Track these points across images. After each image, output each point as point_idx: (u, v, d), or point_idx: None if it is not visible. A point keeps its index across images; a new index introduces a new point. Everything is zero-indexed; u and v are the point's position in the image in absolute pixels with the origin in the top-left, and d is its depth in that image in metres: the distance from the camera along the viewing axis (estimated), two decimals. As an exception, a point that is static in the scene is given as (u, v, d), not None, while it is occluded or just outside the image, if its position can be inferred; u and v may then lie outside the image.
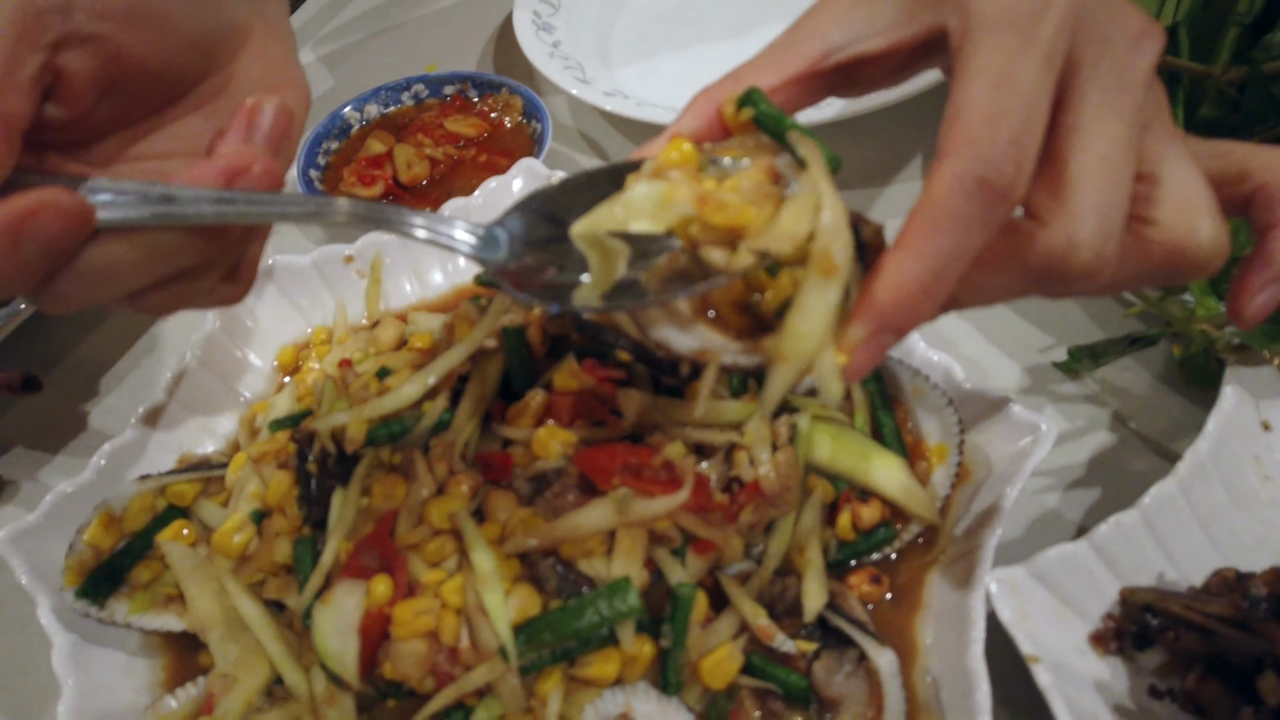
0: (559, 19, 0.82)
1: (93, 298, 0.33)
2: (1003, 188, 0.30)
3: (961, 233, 0.30)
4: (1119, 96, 0.32)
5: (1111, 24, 0.33)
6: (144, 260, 0.33)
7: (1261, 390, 0.49)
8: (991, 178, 0.29)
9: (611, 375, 0.48)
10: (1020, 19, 0.31)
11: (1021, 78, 0.30)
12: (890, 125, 0.73)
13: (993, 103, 0.30)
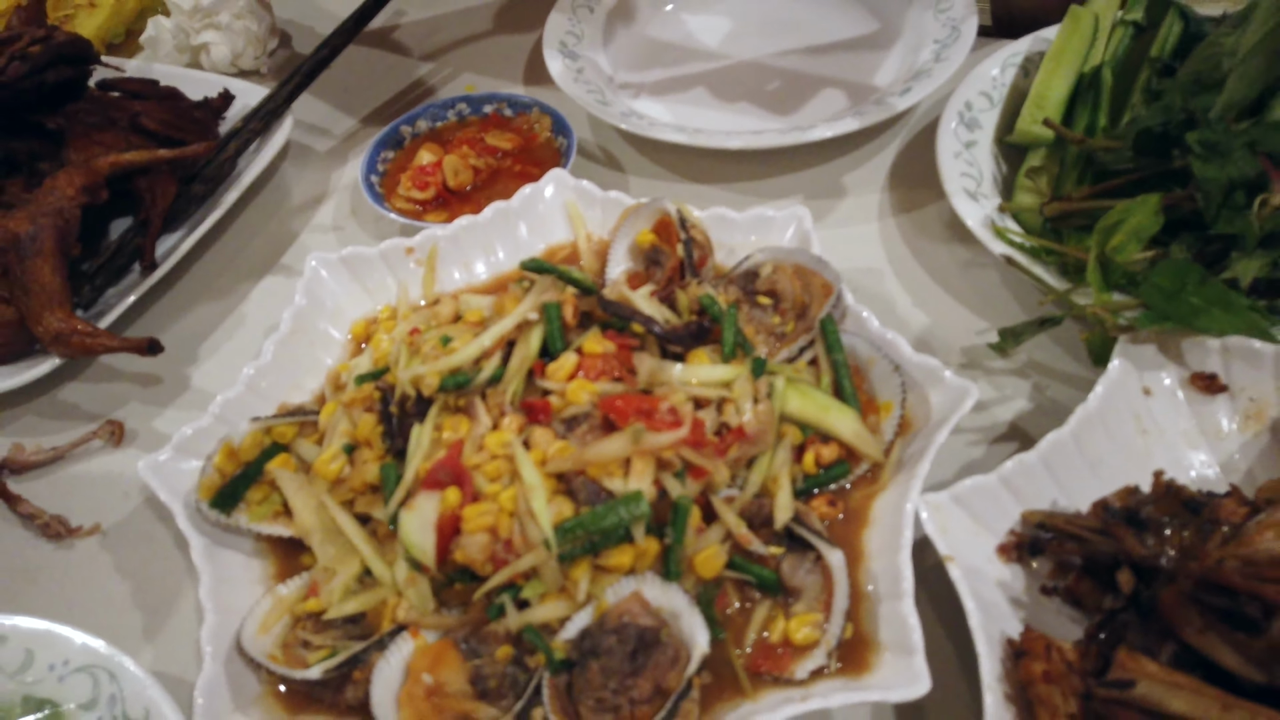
0: (582, 48, 0.95)
1: None
2: None
3: None
4: None
5: None
6: None
7: (1144, 363, 0.61)
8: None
9: (628, 343, 0.61)
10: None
11: None
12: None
13: None
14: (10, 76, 0.79)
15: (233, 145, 0.87)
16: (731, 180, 0.85)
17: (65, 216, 0.74)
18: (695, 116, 0.91)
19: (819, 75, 0.93)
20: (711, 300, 0.64)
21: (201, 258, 0.85)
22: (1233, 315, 0.59)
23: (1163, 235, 0.67)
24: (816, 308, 0.66)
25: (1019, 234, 0.70)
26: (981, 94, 0.80)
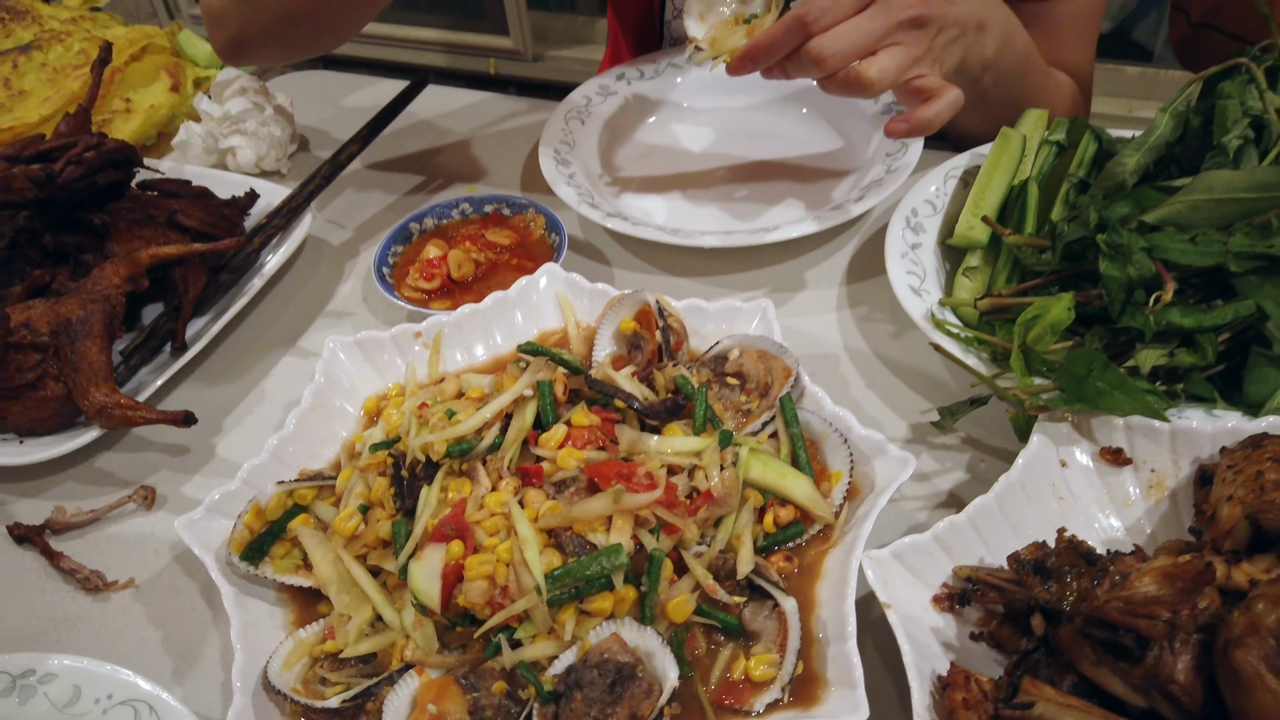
0: (573, 155, 1.06)
1: None
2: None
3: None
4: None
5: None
6: None
7: (1061, 439, 0.70)
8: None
9: (611, 417, 0.70)
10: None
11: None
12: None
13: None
14: (67, 179, 0.88)
15: (258, 239, 0.97)
16: (705, 274, 0.95)
17: (112, 302, 0.83)
18: (675, 215, 1.02)
19: (786, 182, 1.04)
20: (685, 380, 0.73)
21: (227, 339, 0.94)
22: (1131, 398, 0.68)
23: (1080, 327, 0.77)
24: (777, 388, 0.75)
25: (956, 325, 0.80)
26: (926, 202, 0.91)
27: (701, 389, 0.72)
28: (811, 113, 1.12)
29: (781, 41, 0.77)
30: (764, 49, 0.78)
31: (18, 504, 0.80)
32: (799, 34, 0.76)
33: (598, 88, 1.14)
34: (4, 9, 1.29)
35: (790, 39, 0.77)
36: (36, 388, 0.80)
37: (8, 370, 0.80)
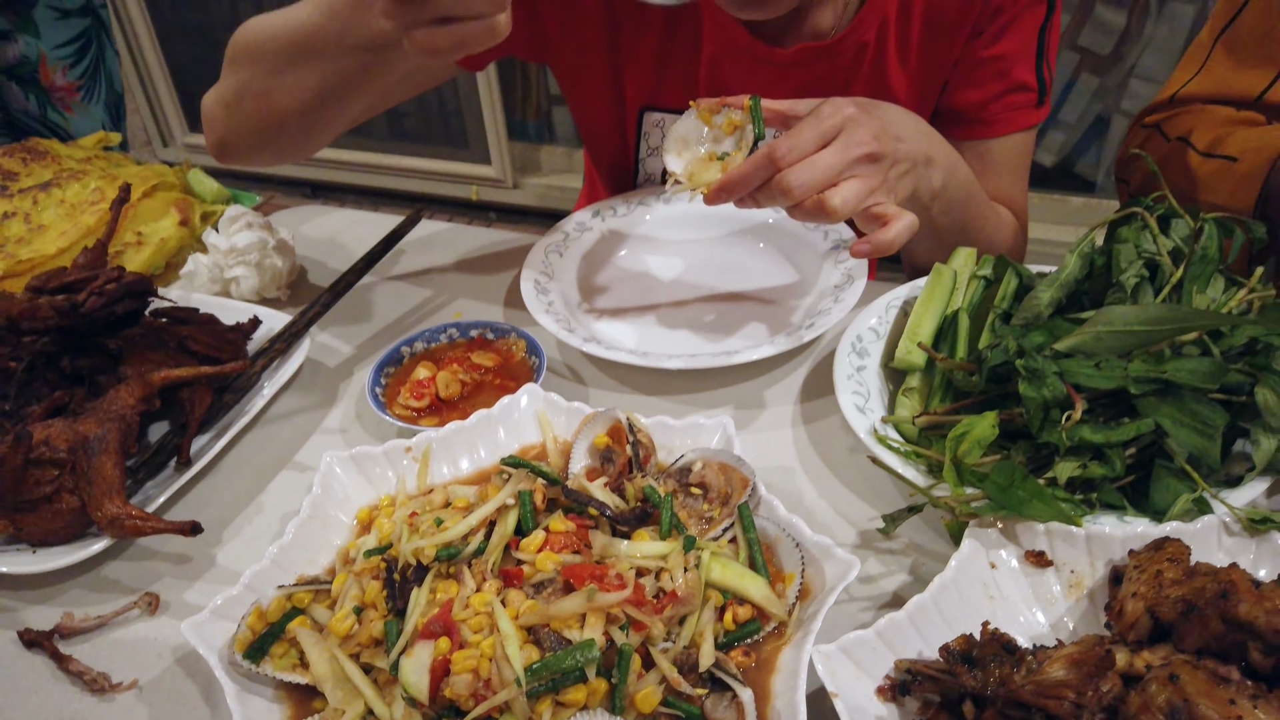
0: (552, 285, 1.16)
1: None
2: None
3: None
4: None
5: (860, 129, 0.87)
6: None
7: (990, 543, 0.78)
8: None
9: (586, 523, 0.77)
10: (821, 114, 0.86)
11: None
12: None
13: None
14: (89, 308, 0.97)
15: (260, 362, 1.05)
16: (672, 393, 1.04)
17: (128, 421, 0.90)
18: (645, 339, 1.11)
19: (745, 310, 1.14)
20: (653, 490, 0.81)
21: (228, 455, 1.00)
22: (1048, 506, 0.76)
23: (1006, 441, 0.86)
24: (736, 497, 0.82)
25: (898, 440, 0.88)
26: (870, 329, 1.01)
27: (668, 498, 0.80)
28: (768, 247, 1.23)
29: (753, 175, 0.88)
30: (738, 181, 0.89)
31: (28, 610, 0.85)
32: (769, 168, 0.87)
33: (575, 224, 1.25)
34: (25, 150, 1.40)
35: (761, 173, 0.88)
36: (52, 500, 0.86)
37: (26, 484, 0.86)
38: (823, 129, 0.88)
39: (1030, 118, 1.18)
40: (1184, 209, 0.91)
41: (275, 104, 1.06)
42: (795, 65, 1.16)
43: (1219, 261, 0.89)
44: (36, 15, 1.75)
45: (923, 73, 1.18)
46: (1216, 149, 1.11)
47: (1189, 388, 0.79)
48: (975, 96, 1.17)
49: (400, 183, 3.81)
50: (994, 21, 1.13)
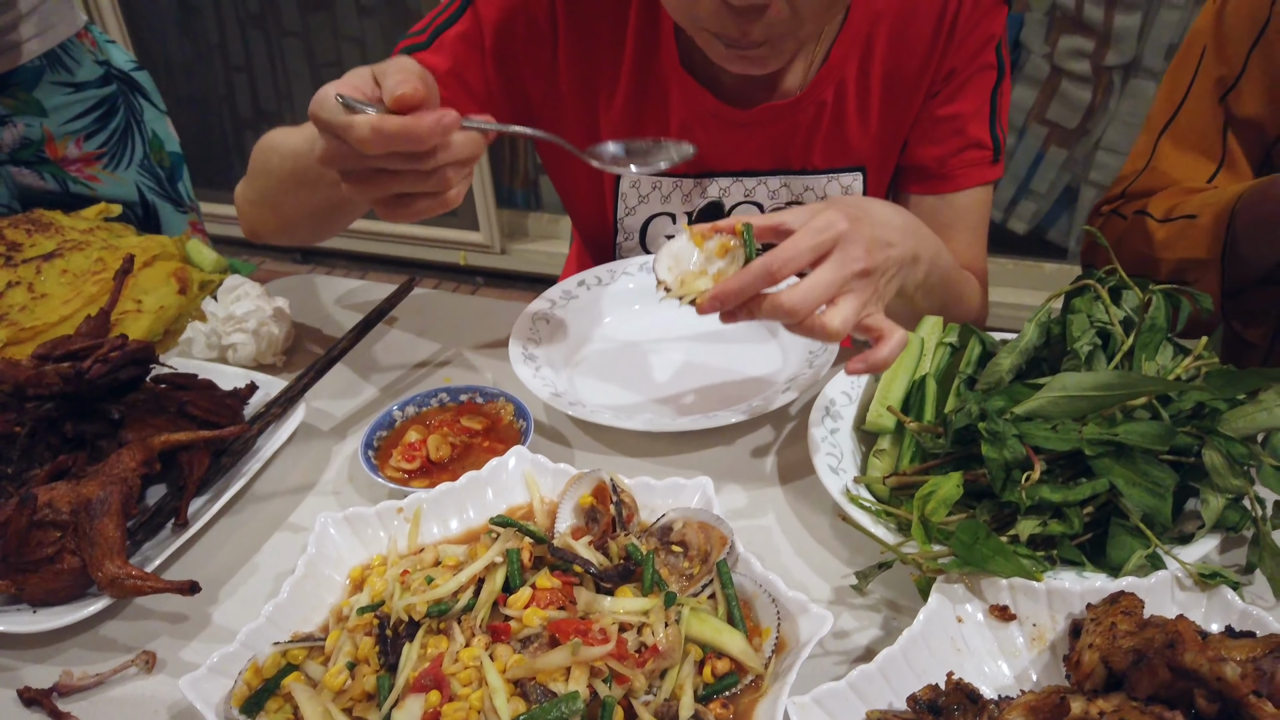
0: (539, 351, 1.21)
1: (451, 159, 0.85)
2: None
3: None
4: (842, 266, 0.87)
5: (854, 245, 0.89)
6: (466, 142, 0.84)
7: (956, 598, 0.82)
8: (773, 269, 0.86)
9: (571, 580, 0.81)
10: (814, 228, 0.87)
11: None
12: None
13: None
14: (94, 375, 1.01)
15: (256, 426, 1.09)
16: (654, 455, 1.08)
17: (129, 484, 0.93)
18: (629, 403, 1.16)
19: (727, 374, 1.19)
20: (635, 548, 0.85)
21: (224, 517, 1.04)
22: (1009, 562, 0.80)
23: (972, 501, 0.91)
24: (715, 554, 0.86)
25: (869, 500, 0.93)
26: (842, 393, 1.06)
27: (649, 556, 0.84)
28: (747, 314, 1.29)
29: (749, 286, 0.88)
30: (733, 292, 0.88)
31: (28, 669, 0.88)
32: (764, 281, 0.87)
33: (561, 292, 1.31)
34: (30, 221, 1.45)
35: (757, 284, 0.87)
36: (54, 561, 0.89)
37: (30, 546, 0.89)
38: (818, 243, 0.89)
39: (986, 174, 1.26)
40: (1134, 281, 0.97)
41: (286, 214, 1.21)
42: (758, 124, 1.23)
43: (1167, 330, 0.94)
44: (40, 94, 1.73)
45: (882, 131, 1.26)
46: (1174, 213, 1.18)
47: (1140, 450, 0.84)
48: (934, 152, 1.25)
49: (390, 248, 3.87)
50: (948, 83, 1.21)
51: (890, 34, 1.19)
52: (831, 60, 1.19)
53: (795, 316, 0.88)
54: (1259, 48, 1.14)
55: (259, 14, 3.78)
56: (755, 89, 1.22)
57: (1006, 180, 3.19)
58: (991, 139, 1.24)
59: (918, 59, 1.20)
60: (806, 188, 1.30)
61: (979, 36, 1.19)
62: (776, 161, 1.28)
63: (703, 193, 1.30)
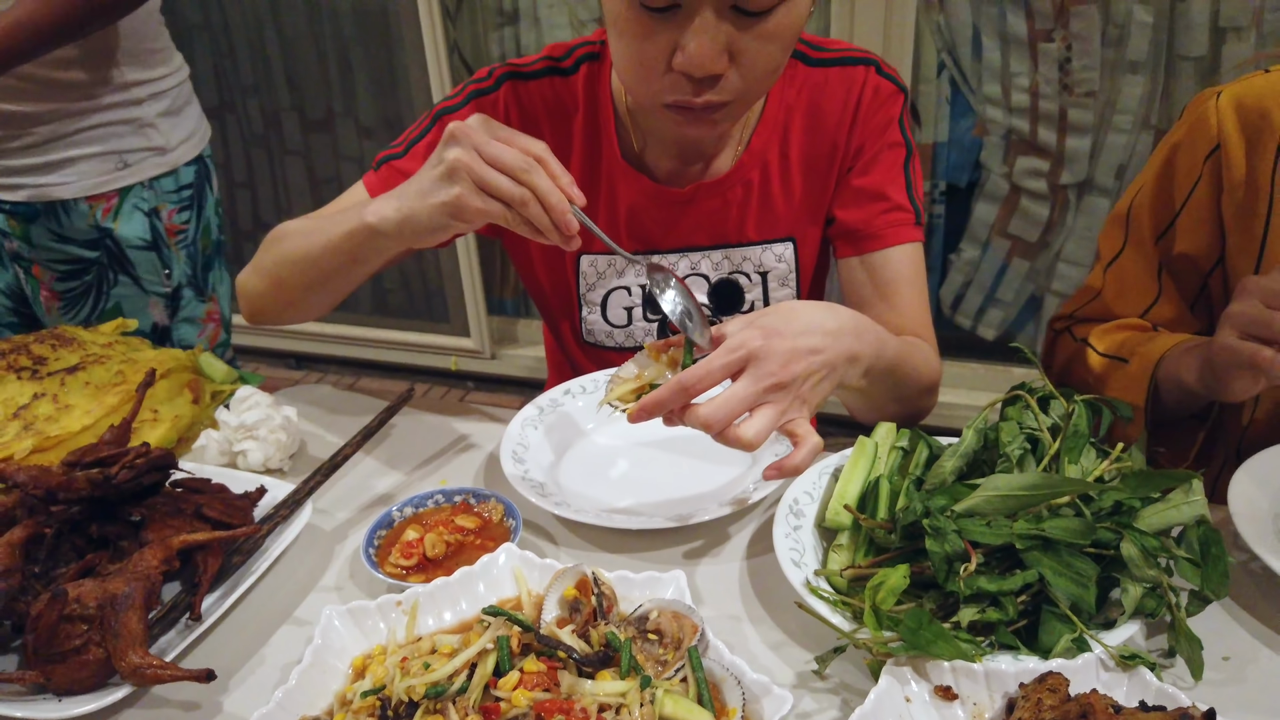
0: (528, 455, 1.31)
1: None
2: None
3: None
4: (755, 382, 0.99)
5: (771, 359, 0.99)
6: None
7: (904, 679, 0.90)
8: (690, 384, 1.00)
9: (555, 665, 0.89)
10: (727, 348, 1.00)
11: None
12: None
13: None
14: (120, 481, 1.10)
15: (266, 527, 1.18)
16: (633, 550, 1.17)
17: (151, 580, 1.02)
18: (611, 502, 1.25)
19: (701, 476, 1.29)
20: (614, 636, 0.93)
21: (235, 611, 1.12)
22: (950, 646, 0.89)
23: (920, 590, 1.00)
24: (687, 641, 0.95)
25: (828, 591, 1.02)
26: (805, 492, 1.16)
27: (627, 642, 0.92)
28: (720, 421, 1.40)
29: (667, 400, 1.00)
30: (653, 405, 1.01)
31: (52, 754, 0.95)
32: (682, 396, 1.00)
33: (548, 400, 1.42)
34: (54, 336, 1.56)
35: (675, 399, 1.00)
36: (81, 653, 0.97)
37: (58, 638, 0.97)
38: (728, 361, 1.00)
39: (912, 234, 1.40)
40: (1060, 391, 1.09)
41: (295, 297, 1.36)
42: (694, 202, 1.42)
43: (1089, 436, 1.06)
44: (33, 229, 1.91)
45: (805, 204, 1.43)
46: (1111, 351, 1.33)
47: (1065, 543, 0.94)
48: (858, 215, 1.40)
49: (383, 354, 4.00)
50: (859, 159, 1.39)
51: (803, 121, 1.39)
52: (753, 145, 1.39)
53: (711, 428, 1.00)
54: (1193, 197, 1.30)
55: (263, 134, 3.98)
56: (689, 173, 1.41)
57: (974, 290, 3.36)
58: (911, 204, 1.40)
59: (829, 141, 1.39)
60: (744, 258, 1.46)
61: (881, 119, 1.37)
62: (715, 236, 1.45)
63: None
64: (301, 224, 1.34)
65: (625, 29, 1.10)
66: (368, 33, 3.62)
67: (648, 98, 1.18)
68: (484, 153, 1.04)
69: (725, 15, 1.05)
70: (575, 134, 1.38)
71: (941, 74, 3.10)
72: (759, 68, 1.11)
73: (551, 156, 1.06)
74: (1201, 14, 2.76)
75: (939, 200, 3.28)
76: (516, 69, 1.39)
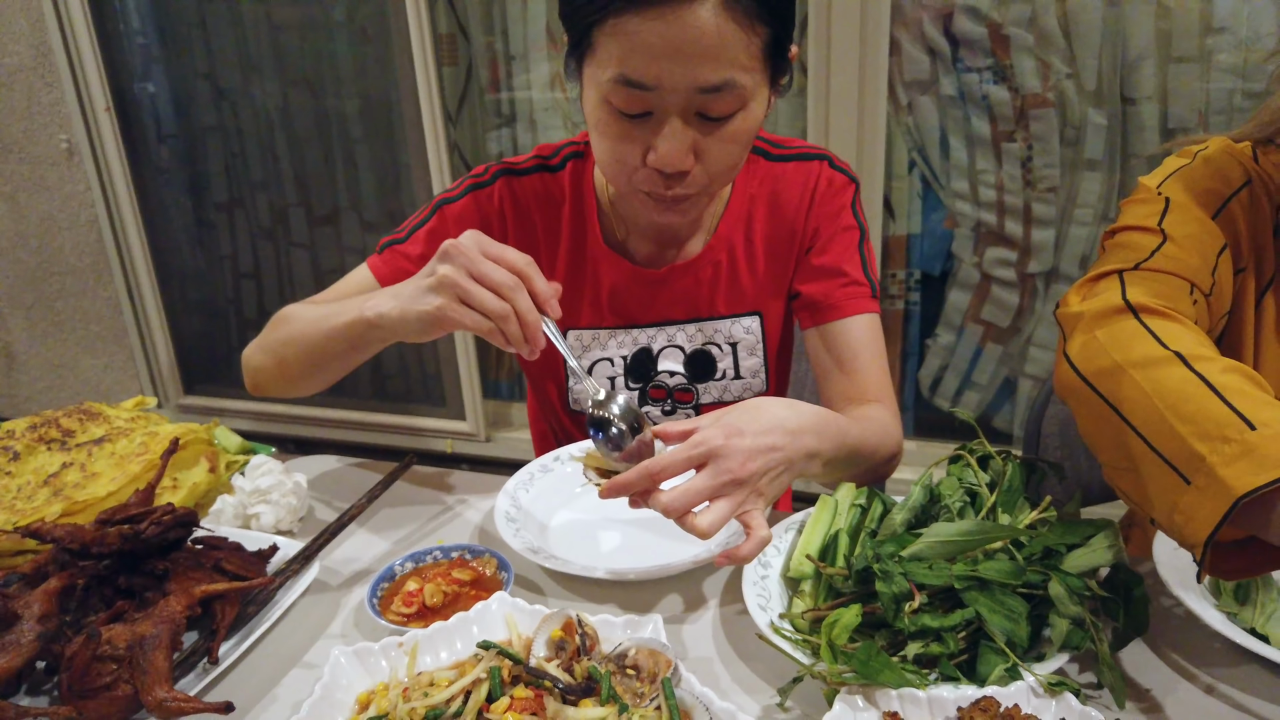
0: (519, 515, 1.42)
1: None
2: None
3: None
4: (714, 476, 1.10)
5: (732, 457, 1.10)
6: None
7: (855, 706, 1.00)
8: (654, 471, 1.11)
9: (541, 694, 0.99)
10: (691, 443, 1.12)
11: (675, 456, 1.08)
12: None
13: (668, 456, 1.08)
14: (147, 535, 1.21)
15: (278, 580, 1.28)
16: (615, 600, 1.27)
17: (176, 623, 1.12)
18: (594, 556, 1.36)
19: (677, 532, 1.40)
20: (595, 669, 1.03)
21: (249, 656, 1.21)
22: (895, 674, 0.99)
23: (871, 629, 1.11)
24: (662, 674, 1.05)
25: (790, 631, 1.12)
26: (773, 546, 1.27)
27: (606, 674, 1.02)
28: (697, 485, 1.51)
29: (634, 485, 1.11)
30: (620, 488, 1.13)
31: (82, 782, 1.03)
32: (646, 481, 1.10)
33: (539, 465, 1.54)
34: (81, 411, 1.68)
35: (640, 483, 1.10)
36: (111, 689, 1.07)
37: (90, 676, 1.07)
38: (690, 456, 1.10)
39: (870, 305, 1.55)
40: (996, 451, 1.22)
41: (294, 374, 1.49)
42: (669, 281, 1.58)
43: (1022, 491, 1.18)
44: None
45: (769, 281, 1.60)
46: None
47: (998, 584, 1.05)
48: (819, 289, 1.56)
49: (379, 438, 4.11)
50: (816, 240, 1.56)
51: (765, 209, 1.54)
52: (721, 231, 1.57)
53: (669, 514, 1.12)
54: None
55: (269, 228, 4.17)
56: (664, 255, 1.58)
57: (951, 373, 3.50)
58: (866, 278, 1.56)
59: (789, 225, 1.54)
60: (715, 330, 1.61)
61: (835, 205, 1.53)
62: (689, 311, 1.61)
63: (634, 341, 1.61)
64: (306, 309, 1.48)
65: (606, 131, 1.26)
66: (373, 133, 3.84)
67: (625, 188, 1.34)
68: (473, 270, 1.17)
69: (691, 121, 1.22)
70: (564, 222, 1.54)
71: (912, 171, 3.31)
72: (721, 164, 1.27)
73: (536, 271, 1.19)
74: (1152, 116, 2.97)
75: (914, 288, 3.45)
76: (510, 166, 1.56)
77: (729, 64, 1.18)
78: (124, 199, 4.17)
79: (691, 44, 1.15)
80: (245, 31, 3.87)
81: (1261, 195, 1.21)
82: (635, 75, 1.18)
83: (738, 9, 1.15)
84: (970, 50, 3.08)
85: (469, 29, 3.64)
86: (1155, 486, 0.91)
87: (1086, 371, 1.01)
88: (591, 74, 1.25)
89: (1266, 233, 1.22)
